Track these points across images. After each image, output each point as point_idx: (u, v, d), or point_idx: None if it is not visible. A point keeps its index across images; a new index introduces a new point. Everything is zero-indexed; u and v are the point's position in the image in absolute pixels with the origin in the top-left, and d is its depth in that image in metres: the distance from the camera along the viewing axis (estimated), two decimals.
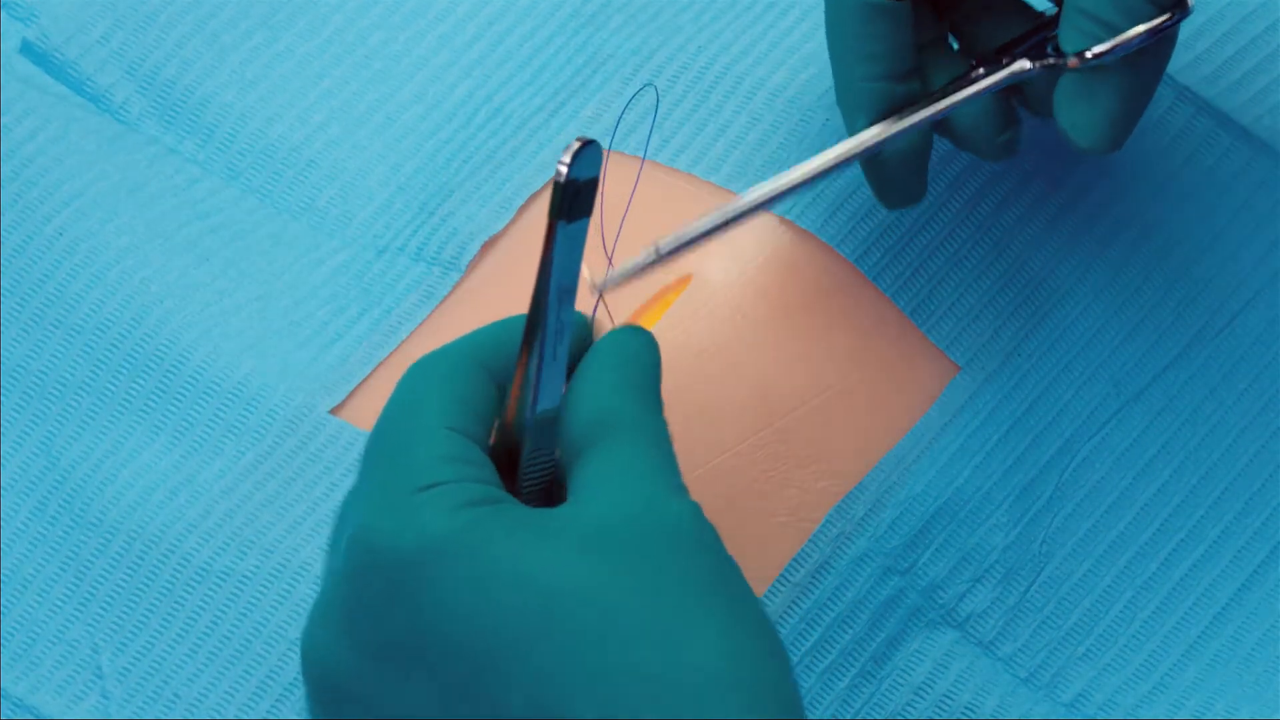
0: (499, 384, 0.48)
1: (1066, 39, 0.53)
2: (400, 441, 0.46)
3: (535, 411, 0.47)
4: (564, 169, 0.45)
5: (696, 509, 0.45)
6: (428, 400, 0.47)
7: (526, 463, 0.48)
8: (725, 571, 0.45)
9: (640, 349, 0.49)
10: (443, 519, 0.43)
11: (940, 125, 0.56)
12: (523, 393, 0.48)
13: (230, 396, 0.60)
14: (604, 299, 0.57)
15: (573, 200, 0.45)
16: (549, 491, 0.49)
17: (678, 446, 0.58)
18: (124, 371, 0.61)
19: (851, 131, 0.56)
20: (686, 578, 0.43)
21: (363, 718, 0.45)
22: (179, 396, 0.60)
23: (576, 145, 0.45)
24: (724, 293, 0.61)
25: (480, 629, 0.43)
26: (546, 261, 0.46)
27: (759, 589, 0.58)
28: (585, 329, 0.49)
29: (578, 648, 0.42)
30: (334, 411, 0.60)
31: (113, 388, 0.61)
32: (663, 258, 0.54)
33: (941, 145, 0.62)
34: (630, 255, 0.57)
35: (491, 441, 0.48)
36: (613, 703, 0.41)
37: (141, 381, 0.60)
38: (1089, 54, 0.53)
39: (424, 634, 0.43)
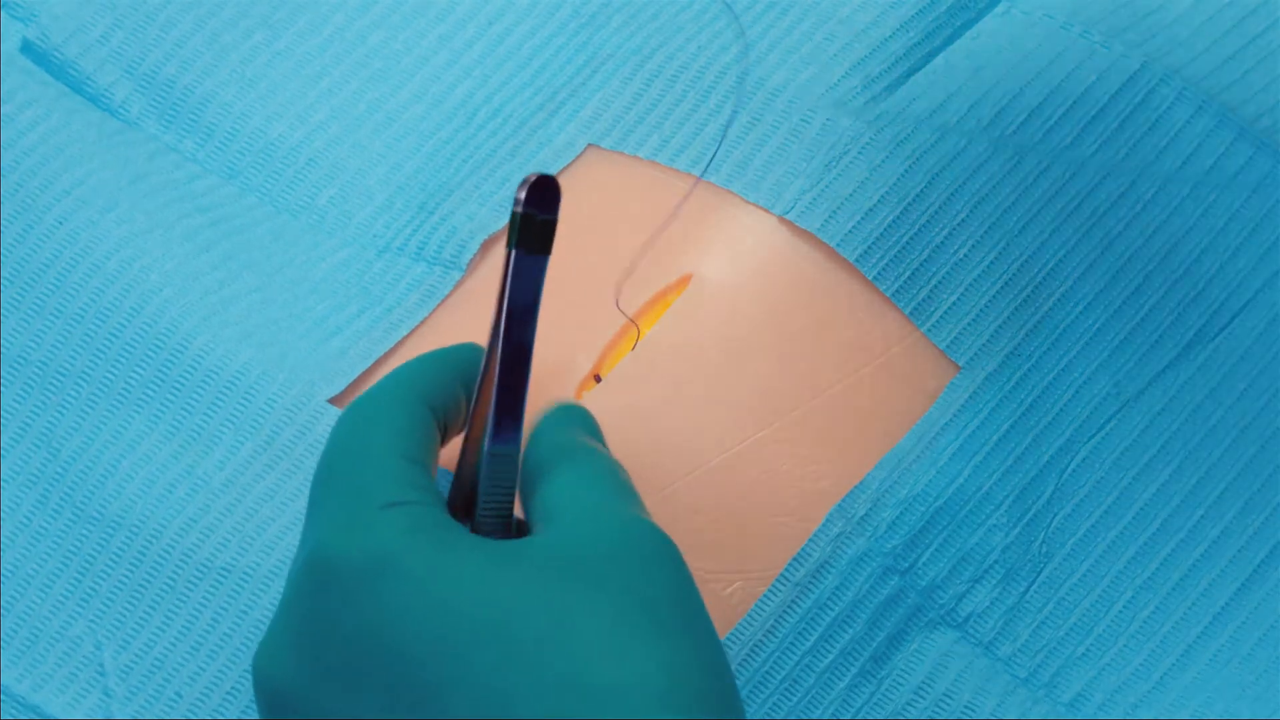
0: (439, 420, 0.51)
1: None
2: (356, 466, 0.48)
3: (494, 438, 0.48)
4: (518, 205, 0.46)
5: (655, 529, 0.47)
6: (378, 429, 0.49)
7: (485, 496, 0.49)
8: (682, 589, 0.46)
9: (585, 412, 0.53)
10: (404, 535, 0.45)
11: None
12: (485, 418, 0.49)
13: (229, 385, 0.60)
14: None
15: (529, 234, 0.46)
16: (507, 529, 0.50)
17: (678, 446, 0.58)
18: (123, 360, 0.61)
19: None
20: (637, 594, 0.44)
21: None
22: (178, 385, 0.60)
23: (532, 179, 0.45)
24: (724, 293, 0.61)
25: (431, 642, 0.43)
26: (504, 291, 0.47)
27: (759, 589, 0.58)
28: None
29: (523, 659, 0.42)
30: (333, 401, 0.60)
31: (112, 376, 0.61)
32: None
33: (941, 144, 0.62)
34: (643, 265, 0.58)
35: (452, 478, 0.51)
36: (552, 712, 0.42)
37: (141, 370, 0.60)
38: None
39: (377, 649, 0.44)
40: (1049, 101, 0.63)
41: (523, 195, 0.47)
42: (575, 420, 0.52)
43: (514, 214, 0.47)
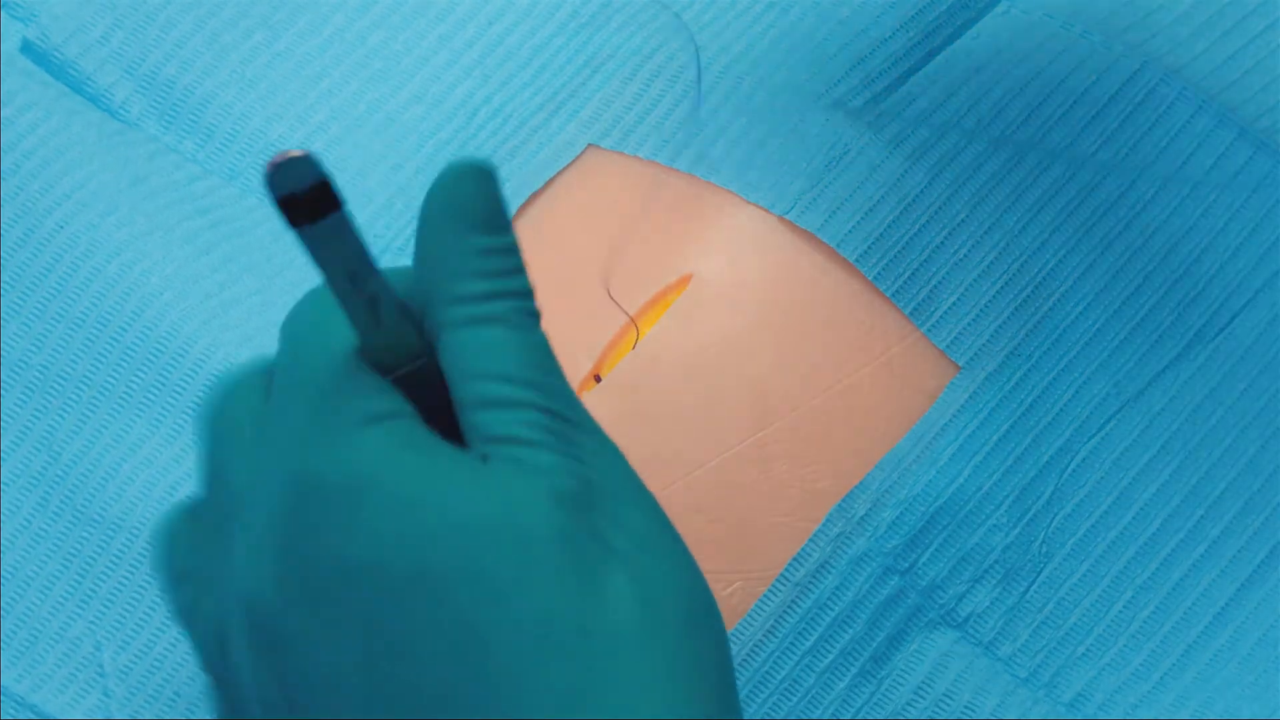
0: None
1: None
2: (326, 373, 0.44)
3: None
4: (272, 186, 0.41)
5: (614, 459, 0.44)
6: (336, 334, 0.45)
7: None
8: (658, 522, 0.44)
9: (462, 186, 0.45)
10: (387, 455, 0.42)
11: None
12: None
13: None
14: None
15: (300, 209, 0.41)
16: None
17: (678, 445, 0.58)
18: (125, 364, 0.61)
19: None
20: (610, 533, 0.43)
21: (294, 663, 0.44)
22: (179, 388, 0.60)
23: (278, 160, 0.41)
24: (724, 293, 0.61)
25: (410, 574, 0.42)
26: (323, 268, 0.44)
27: (759, 589, 0.58)
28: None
29: (500, 590, 0.41)
30: None
31: (113, 380, 0.61)
32: None
33: (941, 144, 0.62)
34: (636, 261, 0.57)
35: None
36: (528, 648, 0.41)
37: (142, 374, 0.60)
38: None
39: (357, 578, 0.42)
40: (1049, 101, 0.63)
41: (271, 180, 0.40)
42: (449, 215, 0.45)
43: (274, 201, 0.41)
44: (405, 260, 0.62)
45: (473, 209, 0.44)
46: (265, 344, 0.61)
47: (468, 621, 0.41)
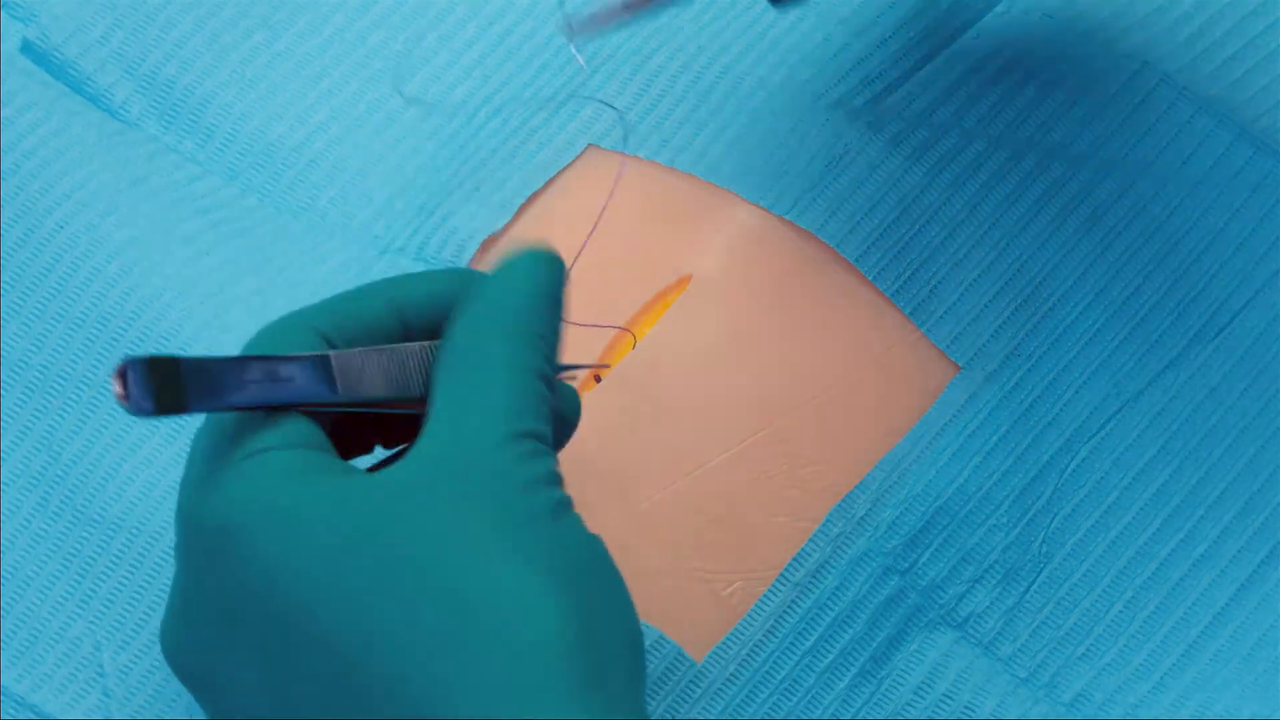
0: (342, 343, 0.47)
1: None
2: (229, 418, 0.45)
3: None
4: (124, 403, 0.42)
5: (524, 450, 0.44)
6: None
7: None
8: (537, 515, 0.43)
9: (511, 288, 0.47)
10: (254, 489, 0.43)
11: None
12: None
13: None
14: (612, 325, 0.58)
15: (163, 401, 0.43)
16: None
17: (678, 446, 0.58)
18: None
19: None
20: (485, 522, 0.42)
21: (215, 698, 0.45)
22: None
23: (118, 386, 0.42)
24: (723, 293, 0.61)
25: (283, 588, 0.42)
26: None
27: (759, 589, 0.58)
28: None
29: (366, 597, 0.41)
30: None
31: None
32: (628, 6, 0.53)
33: (940, 143, 0.62)
34: (636, 261, 0.57)
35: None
36: (402, 646, 0.41)
37: None
38: None
39: (239, 600, 0.43)
40: (1048, 101, 0.63)
41: (120, 389, 0.42)
42: (490, 308, 0.46)
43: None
44: (405, 260, 0.62)
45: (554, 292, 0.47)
46: None
47: (340, 638, 0.41)
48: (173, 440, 0.60)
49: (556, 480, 0.45)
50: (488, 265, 0.49)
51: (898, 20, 0.64)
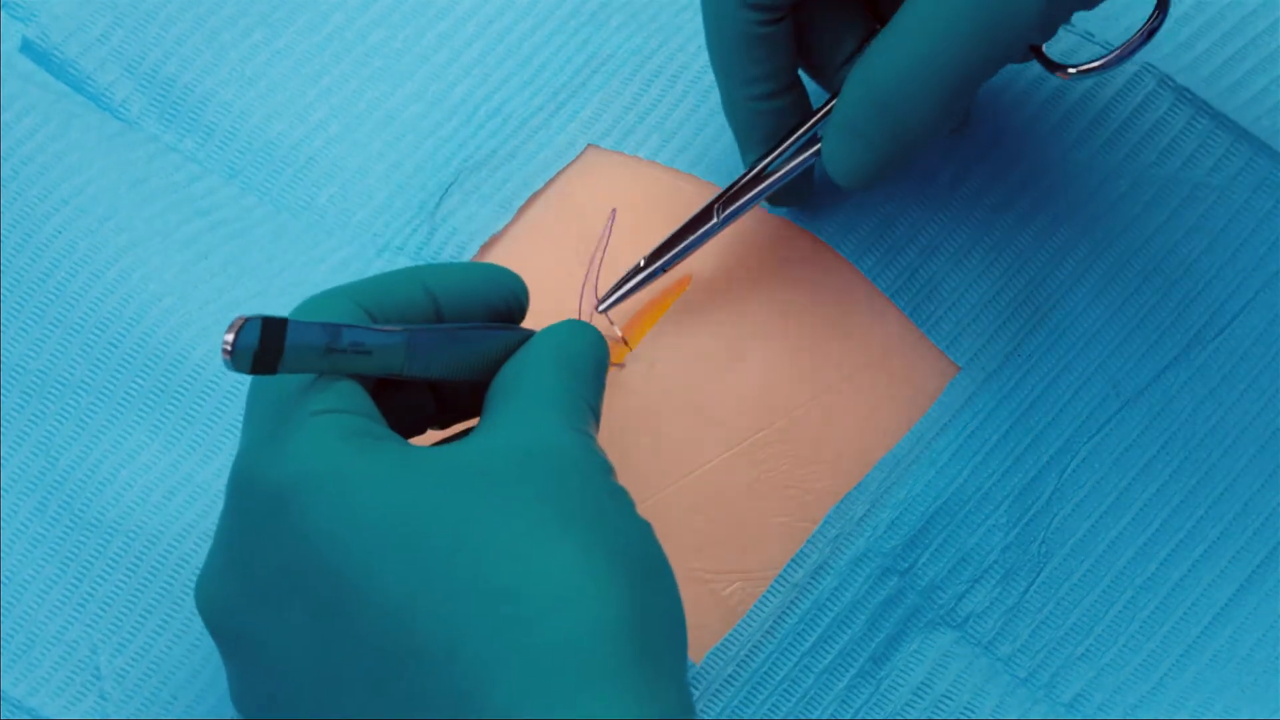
0: (382, 320, 0.50)
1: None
2: (291, 380, 0.48)
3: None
4: (228, 354, 0.44)
5: (581, 441, 0.47)
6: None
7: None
8: (597, 498, 0.46)
9: (573, 337, 0.51)
10: (315, 449, 0.45)
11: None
12: None
13: (229, 396, 0.60)
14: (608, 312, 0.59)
15: (261, 360, 0.45)
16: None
17: (678, 446, 0.58)
18: (123, 370, 0.61)
19: (744, 153, 0.59)
20: (548, 502, 0.45)
21: (251, 654, 0.46)
22: (177, 395, 0.60)
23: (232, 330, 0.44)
24: (723, 293, 0.61)
25: (343, 555, 0.44)
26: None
27: (758, 589, 0.58)
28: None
29: (424, 565, 0.43)
30: None
31: (111, 386, 0.61)
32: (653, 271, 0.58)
33: (940, 143, 0.62)
34: (627, 262, 0.58)
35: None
36: (455, 615, 0.42)
37: (140, 380, 0.60)
38: (1082, 67, 0.55)
39: (294, 561, 0.44)
40: (1048, 103, 0.63)
41: (231, 339, 0.44)
42: (557, 346, 0.51)
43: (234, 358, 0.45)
44: (404, 259, 0.62)
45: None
46: None
47: (395, 594, 0.43)
48: (171, 445, 0.60)
49: (612, 471, 0.47)
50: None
51: None
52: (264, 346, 0.44)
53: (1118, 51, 0.55)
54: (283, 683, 0.46)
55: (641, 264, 0.59)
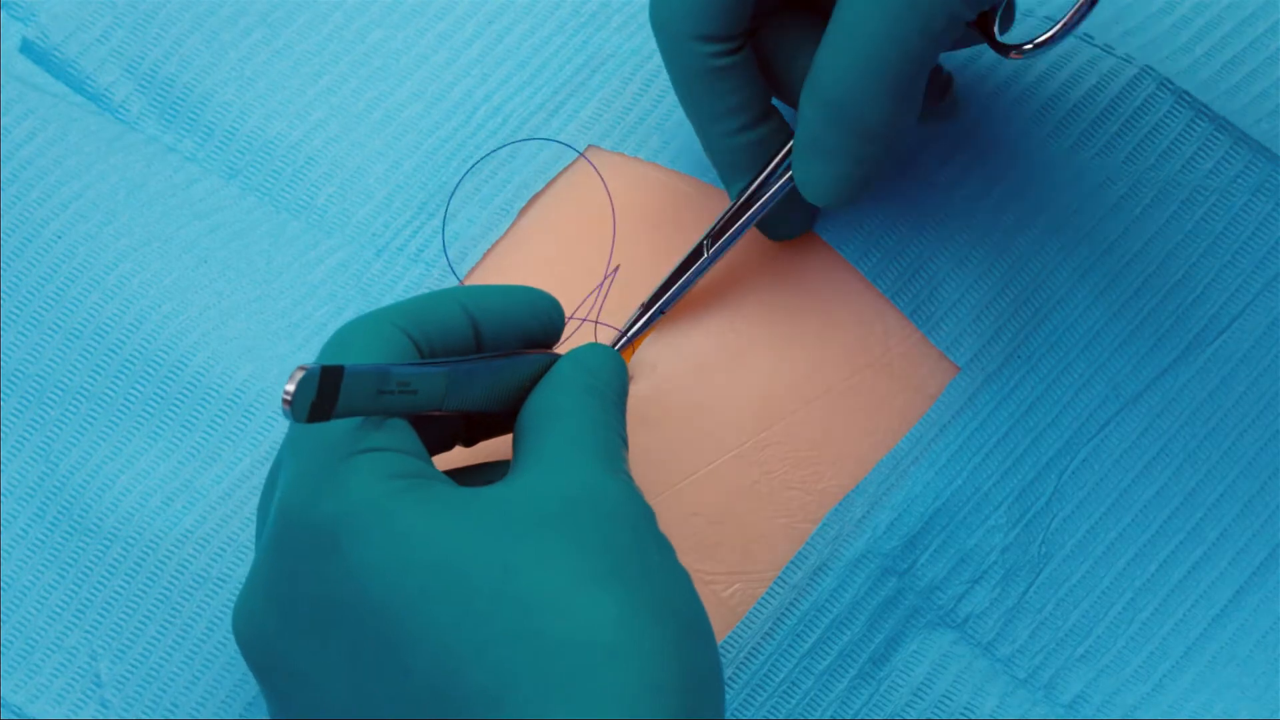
0: (427, 347, 0.50)
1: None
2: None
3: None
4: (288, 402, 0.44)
5: (625, 486, 0.47)
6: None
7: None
8: (645, 549, 0.46)
9: (598, 361, 0.52)
10: (367, 486, 0.45)
11: None
12: None
13: (229, 402, 0.60)
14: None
15: (318, 409, 0.45)
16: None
17: (678, 448, 0.58)
18: (123, 376, 0.61)
19: (729, 188, 0.58)
20: (592, 550, 0.45)
21: (290, 687, 0.46)
22: (178, 401, 0.60)
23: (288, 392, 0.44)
24: (724, 296, 0.61)
25: (389, 597, 0.44)
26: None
27: (758, 590, 0.58)
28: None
29: (474, 610, 0.43)
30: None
31: (111, 392, 0.61)
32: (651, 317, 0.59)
33: (941, 142, 0.62)
34: (636, 262, 0.57)
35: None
36: (503, 662, 0.43)
37: (140, 386, 0.60)
38: (1027, 46, 0.56)
39: (341, 597, 0.45)
40: (1048, 105, 0.63)
41: (291, 389, 0.44)
42: (580, 372, 0.52)
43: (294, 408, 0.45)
44: (403, 259, 0.62)
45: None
46: (262, 355, 0.61)
47: (443, 638, 0.43)
48: (171, 451, 0.60)
49: (655, 517, 0.48)
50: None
51: None
52: (321, 394, 0.45)
53: (1062, 23, 0.55)
54: (323, 714, 0.46)
55: (639, 313, 0.59)
